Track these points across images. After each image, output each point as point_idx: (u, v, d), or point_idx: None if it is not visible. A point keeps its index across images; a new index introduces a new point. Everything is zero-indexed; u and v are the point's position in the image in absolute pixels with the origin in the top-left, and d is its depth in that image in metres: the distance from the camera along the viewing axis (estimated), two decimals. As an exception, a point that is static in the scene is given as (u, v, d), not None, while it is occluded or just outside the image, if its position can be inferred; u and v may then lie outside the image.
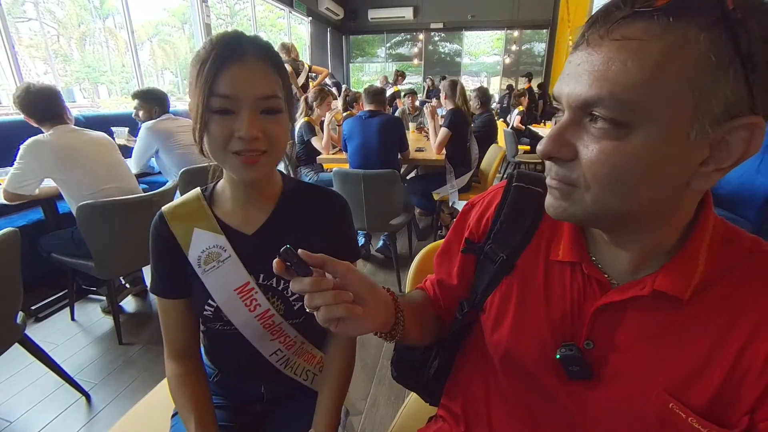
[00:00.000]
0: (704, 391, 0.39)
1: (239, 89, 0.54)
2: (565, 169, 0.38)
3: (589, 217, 0.39)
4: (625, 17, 0.33)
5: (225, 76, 0.54)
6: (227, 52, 0.54)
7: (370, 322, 0.46)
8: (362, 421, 1.41)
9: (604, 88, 0.33)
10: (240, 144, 0.55)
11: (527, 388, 0.51)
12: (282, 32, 7.72)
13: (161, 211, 0.67)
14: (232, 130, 0.55)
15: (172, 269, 0.67)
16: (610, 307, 0.43)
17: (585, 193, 0.37)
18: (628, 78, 0.32)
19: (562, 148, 0.38)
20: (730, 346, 0.38)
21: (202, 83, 0.54)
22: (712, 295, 0.40)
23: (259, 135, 0.55)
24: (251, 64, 0.56)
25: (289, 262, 0.41)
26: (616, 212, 0.38)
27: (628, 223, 0.40)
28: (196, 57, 0.56)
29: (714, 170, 0.35)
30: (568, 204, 0.39)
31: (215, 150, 0.57)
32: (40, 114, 1.67)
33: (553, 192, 0.41)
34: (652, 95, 0.32)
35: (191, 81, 0.57)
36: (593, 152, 0.35)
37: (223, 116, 0.55)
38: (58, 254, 1.78)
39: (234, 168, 0.58)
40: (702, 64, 0.31)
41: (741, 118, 0.32)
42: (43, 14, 5.53)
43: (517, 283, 0.52)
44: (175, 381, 0.69)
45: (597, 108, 0.34)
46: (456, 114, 2.72)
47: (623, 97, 0.33)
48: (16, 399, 1.50)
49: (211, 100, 0.54)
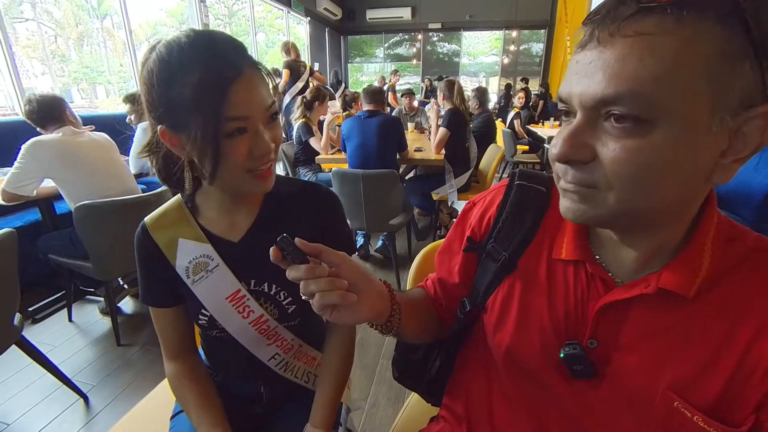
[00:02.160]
0: (710, 390, 0.38)
1: (250, 107, 0.51)
2: (582, 172, 0.37)
3: (612, 218, 0.38)
4: (636, 13, 0.32)
5: (233, 97, 0.49)
6: (221, 68, 0.48)
7: (365, 310, 0.46)
8: (362, 421, 1.41)
9: (622, 86, 0.32)
10: (257, 161, 0.54)
11: (530, 388, 0.51)
12: (280, 32, 7.71)
13: (143, 222, 0.65)
14: (249, 150, 0.52)
15: (160, 280, 0.66)
16: (614, 306, 0.43)
17: (607, 194, 0.36)
18: (646, 73, 0.32)
19: (579, 150, 0.36)
20: (736, 344, 0.38)
21: (207, 108, 0.48)
22: (717, 294, 0.39)
23: (273, 146, 0.55)
24: (252, 77, 0.52)
25: (286, 250, 0.42)
26: (639, 210, 0.37)
27: (647, 221, 0.39)
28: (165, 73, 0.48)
29: (733, 161, 0.35)
30: (588, 206, 0.38)
31: (236, 174, 0.54)
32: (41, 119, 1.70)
33: (571, 196, 0.39)
34: (672, 89, 0.32)
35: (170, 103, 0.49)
36: (615, 152, 0.34)
37: (240, 137, 0.51)
38: (55, 255, 1.77)
39: (250, 186, 0.56)
40: (717, 56, 0.31)
41: (756, 107, 0.32)
42: (40, 15, 5.51)
43: (520, 282, 0.51)
44: (175, 380, 0.69)
45: (616, 106, 0.33)
46: (454, 114, 2.72)
47: (643, 92, 0.32)
48: (13, 401, 1.49)
49: (224, 126, 0.50)
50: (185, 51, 0.49)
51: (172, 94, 0.49)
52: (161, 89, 0.50)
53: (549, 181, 0.53)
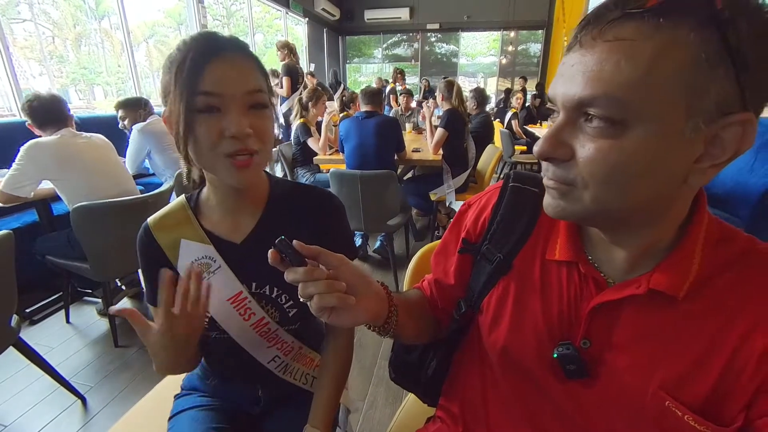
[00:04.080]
0: (700, 389, 0.39)
1: (225, 85, 0.52)
2: (562, 169, 0.39)
3: (588, 215, 0.39)
4: (617, 19, 0.33)
5: (208, 72, 0.51)
6: (206, 48, 0.52)
7: (363, 312, 0.47)
8: (360, 422, 1.41)
9: (598, 88, 0.34)
10: (231, 144, 0.53)
11: (525, 388, 0.52)
12: (279, 33, 7.70)
13: (146, 222, 0.65)
14: (221, 130, 0.52)
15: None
16: (607, 306, 0.44)
17: (583, 192, 0.38)
18: (621, 77, 0.33)
19: (558, 149, 0.38)
20: (726, 344, 0.38)
21: (183, 82, 0.51)
22: (708, 294, 0.40)
23: (250, 131, 0.53)
24: (234, 59, 0.53)
25: (284, 252, 0.42)
26: (614, 209, 0.38)
27: (626, 220, 0.40)
28: (169, 61, 0.54)
29: (709, 166, 0.35)
30: (566, 203, 0.40)
31: (203, 153, 0.54)
32: (41, 119, 1.69)
33: (551, 192, 0.41)
34: (646, 94, 0.33)
35: (167, 86, 0.54)
36: (590, 151, 0.36)
37: (209, 115, 0.52)
38: (53, 256, 1.77)
39: (226, 173, 0.55)
40: (693, 62, 0.31)
41: (733, 115, 0.33)
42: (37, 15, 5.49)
43: (514, 282, 0.52)
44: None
45: (592, 107, 0.35)
46: (453, 114, 2.72)
47: (617, 96, 0.33)
48: (10, 403, 1.48)
49: (195, 100, 0.51)
50: (186, 41, 0.54)
51: (167, 76, 0.54)
52: (162, 74, 0.55)
53: (542, 182, 0.53)
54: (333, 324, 0.45)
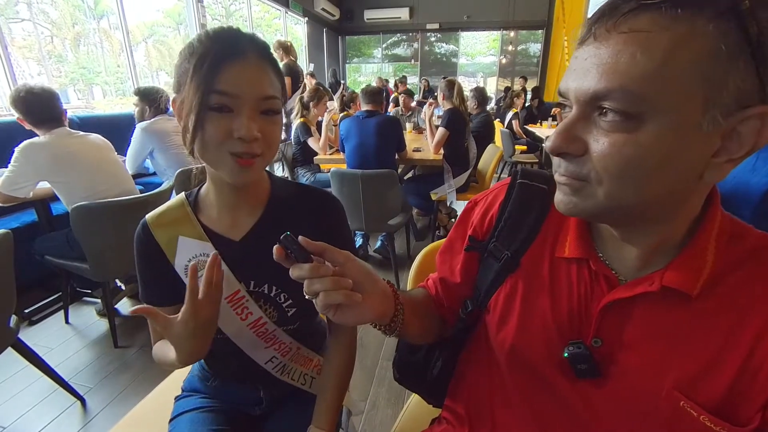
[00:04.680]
0: (715, 389, 0.38)
1: (241, 87, 0.52)
2: (575, 165, 0.38)
3: (602, 211, 0.39)
4: (632, 10, 0.33)
5: (226, 73, 0.52)
6: (228, 48, 0.52)
7: (369, 310, 0.46)
8: (362, 422, 1.40)
9: (613, 81, 0.33)
10: (238, 145, 0.53)
11: (533, 388, 0.51)
12: (278, 33, 7.70)
13: (144, 219, 0.65)
14: (230, 130, 0.53)
15: (159, 278, 0.65)
16: (618, 304, 0.43)
17: (597, 188, 0.37)
18: (637, 70, 0.32)
19: (571, 144, 0.37)
20: (741, 342, 0.38)
21: (201, 78, 0.51)
22: (721, 292, 0.39)
23: (259, 136, 0.54)
24: (253, 63, 0.54)
25: (289, 248, 0.42)
26: (628, 205, 0.37)
27: (639, 216, 0.39)
28: (189, 50, 0.54)
29: (726, 161, 0.35)
30: (579, 199, 0.39)
31: (209, 149, 0.55)
32: (36, 116, 1.64)
33: (563, 188, 0.40)
34: (663, 86, 0.32)
35: (182, 75, 0.54)
36: (604, 146, 0.35)
37: (221, 114, 0.53)
38: (52, 256, 1.76)
39: (228, 169, 0.56)
40: (712, 54, 0.31)
41: (752, 108, 0.32)
42: (36, 15, 5.48)
43: (522, 281, 0.51)
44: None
45: (607, 101, 0.34)
46: (453, 114, 2.72)
47: (633, 89, 0.32)
48: (9, 404, 1.47)
49: (210, 97, 0.52)
50: (209, 34, 0.54)
51: (185, 65, 0.54)
52: (179, 61, 0.55)
53: (551, 179, 0.52)
54: (338, 322, 0.44)
